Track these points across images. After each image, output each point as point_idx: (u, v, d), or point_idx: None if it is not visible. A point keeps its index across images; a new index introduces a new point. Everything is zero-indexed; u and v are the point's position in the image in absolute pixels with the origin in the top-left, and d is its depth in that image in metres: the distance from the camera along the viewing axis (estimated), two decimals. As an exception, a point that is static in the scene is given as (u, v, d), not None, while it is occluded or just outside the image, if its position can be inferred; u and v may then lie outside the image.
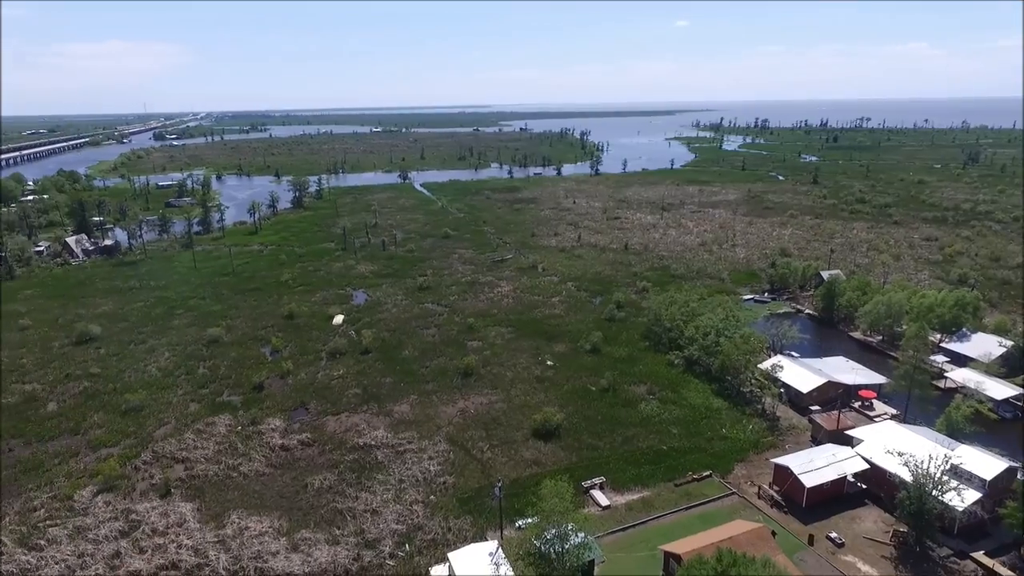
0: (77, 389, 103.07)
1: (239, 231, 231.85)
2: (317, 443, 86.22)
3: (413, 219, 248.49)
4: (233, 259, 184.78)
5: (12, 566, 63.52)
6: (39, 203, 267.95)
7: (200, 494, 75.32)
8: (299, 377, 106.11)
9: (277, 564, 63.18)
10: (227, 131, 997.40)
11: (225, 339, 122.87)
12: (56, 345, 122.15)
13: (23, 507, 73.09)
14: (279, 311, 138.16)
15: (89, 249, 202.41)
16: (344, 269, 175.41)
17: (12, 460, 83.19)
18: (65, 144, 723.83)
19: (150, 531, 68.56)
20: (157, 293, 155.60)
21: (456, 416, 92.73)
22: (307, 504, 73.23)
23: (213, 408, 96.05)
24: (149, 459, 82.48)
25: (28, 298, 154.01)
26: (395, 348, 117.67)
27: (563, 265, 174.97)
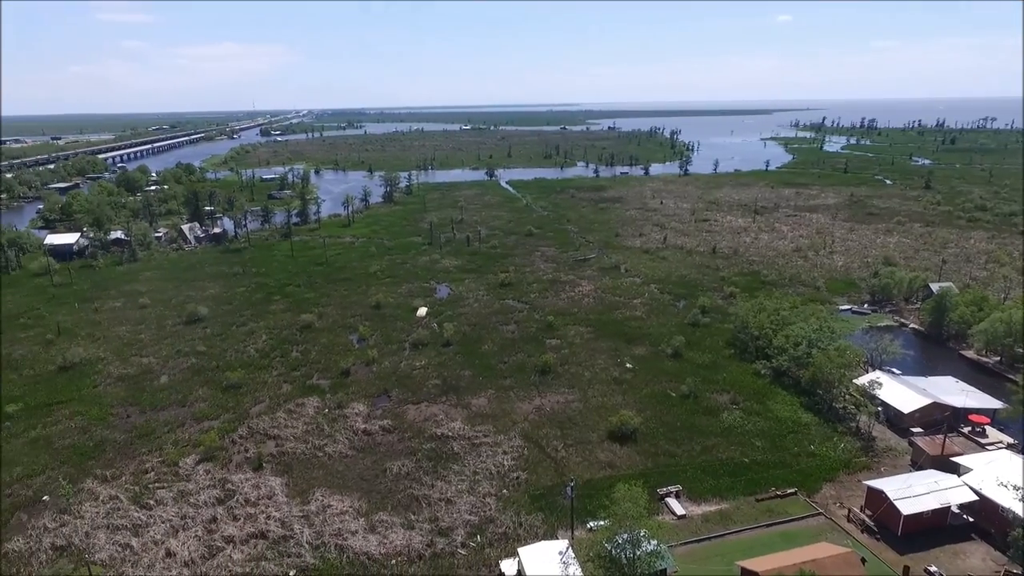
0: (185, 365, 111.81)
1: (333, 223, 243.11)
2: (397, 430, 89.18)
3: (498, 216, 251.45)
4: (327, 250, 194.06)
5: (126, 520, 69.91)
6: (160, 193, 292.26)
7: (288, 470, 79.80)
8: (383, 365, 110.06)
9: (355, 543, 65.95)
10: (326, 128, 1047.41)
11: (317, 325, 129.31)
12: (169, 323, 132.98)
13: (136, 468, 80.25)
14: (367, 301, 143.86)
15: (200, 236, 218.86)
16: (429, 263, 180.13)
17: (129, 425, 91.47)
18: (184, 139, 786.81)
19: (243, 501, 73.41)
20: (258, 279, 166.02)
21: (532, 413, 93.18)
22: (385, 488, 75.95)
23: (303, 390, 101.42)
24: (245, 434, 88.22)
25: (147, 279, 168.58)
26: (475, 342, 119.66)
27: (647, 266, 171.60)
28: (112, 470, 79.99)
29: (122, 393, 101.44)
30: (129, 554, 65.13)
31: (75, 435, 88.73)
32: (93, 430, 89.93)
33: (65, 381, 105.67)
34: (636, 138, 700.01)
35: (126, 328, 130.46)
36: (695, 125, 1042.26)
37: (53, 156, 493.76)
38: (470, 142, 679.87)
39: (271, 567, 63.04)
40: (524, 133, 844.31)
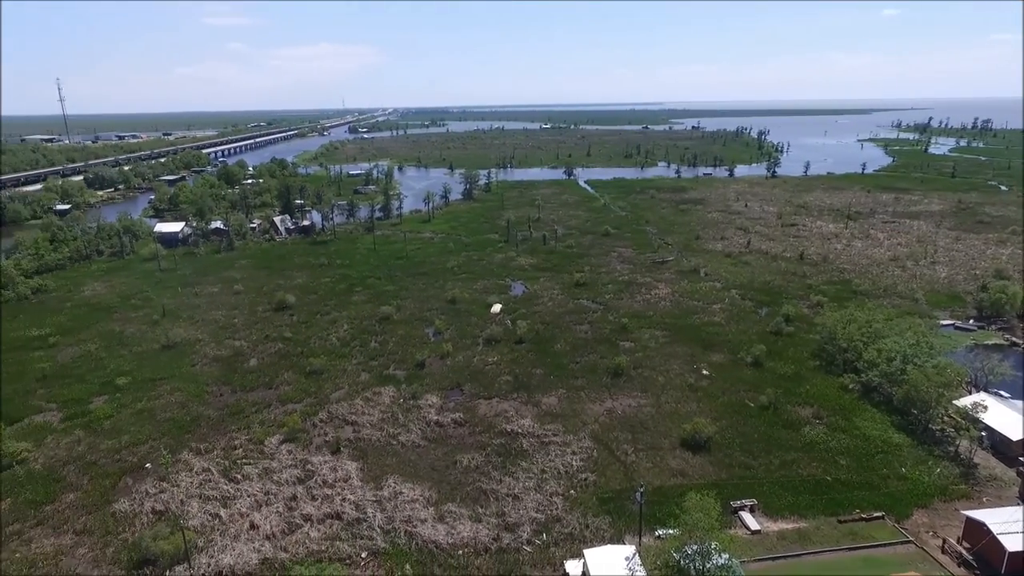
0: (273, 349, 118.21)
1: (414, 219, 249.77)
2: (468, 424, 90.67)
3: (575, 215, 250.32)
4: (407, 244, 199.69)
5: (216, 492, 74.85)
6: (255, 186, 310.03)
7: (364, 456, 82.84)
8: (457, 359, 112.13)
9: (424, 531, 67.66)
10: (410, 126, 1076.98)
11: (395, 317, 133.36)
12: (260, 309, 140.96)
13: (227, 444, 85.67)
14: (444, 296, 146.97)
15: (290, 228, 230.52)
16: (505, 260, 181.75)
17: (221, 403, 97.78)
18: (278, 135, 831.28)
19: (321, 482, 76.86)
20: (341, 271, 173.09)
21: (603, 415, 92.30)
22: (455, 479, 77.43)
23: (380, 379, 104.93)
24: (325, 418, 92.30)
25: (242, 267, 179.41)
26: (548, 341, 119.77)
27: (728, 271, 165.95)
28: (206, 444, 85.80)
29: (216, 373, 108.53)
30: (218, 523, 69.68)
31: (174, 409, 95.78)
32: (190, 406, 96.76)
33: (167, 359, 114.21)
34: (721, 138, 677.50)
35: (222, 312, 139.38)
36: (785, 125, 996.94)
37: (164, 151, 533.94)
38: (550, 141, 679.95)
39: (344, 547, 65.70)
40: (604, 132, 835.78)
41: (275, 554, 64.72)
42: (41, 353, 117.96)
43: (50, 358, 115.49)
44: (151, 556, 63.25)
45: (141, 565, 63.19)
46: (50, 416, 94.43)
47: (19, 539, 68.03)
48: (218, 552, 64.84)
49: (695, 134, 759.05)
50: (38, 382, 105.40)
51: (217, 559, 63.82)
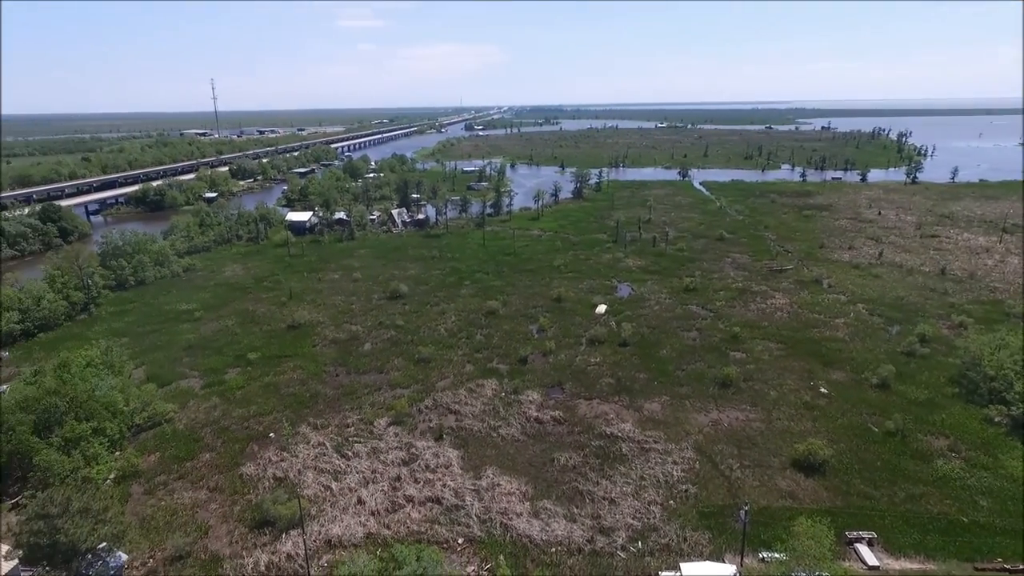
0: (386, 336, 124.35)
1: (523, 216, 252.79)
2: (568, 423, 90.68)
3: (687, 218, 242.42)
4: (515, 241, 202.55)
5: (329, 466, 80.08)
6: (376, 180, 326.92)
7: (465, 445, 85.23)
8: (559, 357, 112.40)
9: (519, 524, 68.56)
10: (524, 124, 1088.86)
11: (501, 312, 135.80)
12: (375, 297, 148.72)
13: (340, 422, 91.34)
14: (549, 293, 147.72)
15: (406, 221, 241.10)
16: (612, 261, 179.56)
17: (337, 383, 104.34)
18: (399, 132, 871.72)
19: (423, 466, 79.98)
20: (452, 264, 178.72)
21: (707, 426, 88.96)
22: (551, 477, 77.78)
23: (484, 372, 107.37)
24: (430, 405, 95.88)
25: (360, 256, 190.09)
26: (653, 345, 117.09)
27: (855, 283, 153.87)
28: (322, 420, 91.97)
29: (334, 354, 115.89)
30: (329, 495, 74.53)
31: (296, 385, 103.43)
32: (310, 383, 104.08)
33: (292, 338, 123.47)
34: (854, 139, 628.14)
35: (341, 298, 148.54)
36: (930, 126, 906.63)
37: (297, 145, 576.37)
38: (665, 140, 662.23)
39: (442, 531, 68.05)
40: (724, 132, 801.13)
41: (379, 530, 68.24)
42: (188, 325, 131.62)
43: (195, 330, 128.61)
44: (270, 518, 68.83)
45: (262, 525, 68.93)
46: (193, 382, 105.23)
47: (164, 489, 76.51)
48: (328, 522, 69.39)
49: (825, 135, 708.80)
50: (184, 351, 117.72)
51: (327, 528, 68.32)
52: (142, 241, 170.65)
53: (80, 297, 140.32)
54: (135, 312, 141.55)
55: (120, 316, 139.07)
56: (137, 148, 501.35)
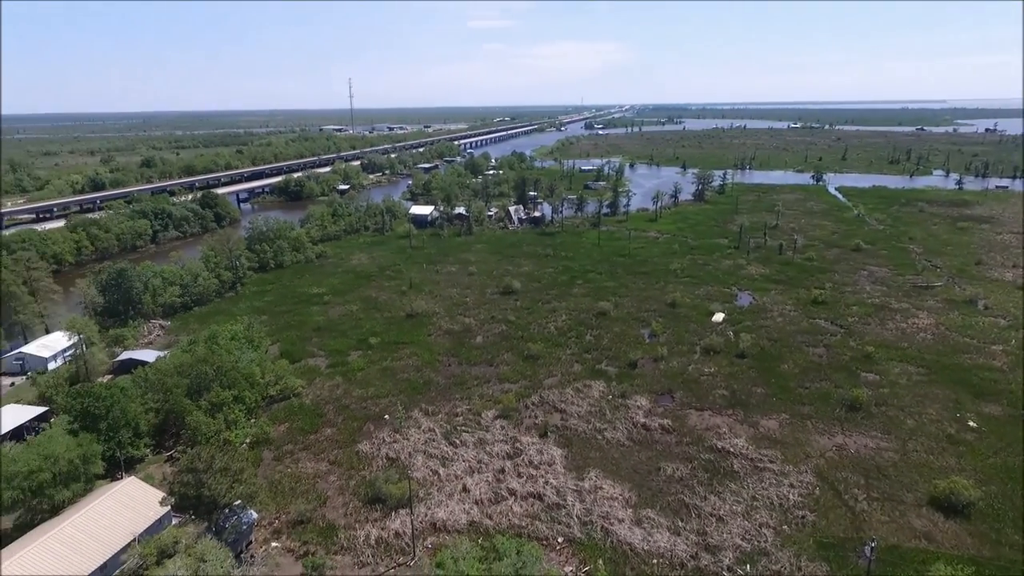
0: (497, 330, 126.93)
1: (640, 217, 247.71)
2: (676, 432, 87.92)
3: (819, 225, 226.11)
4: (630, 242, 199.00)
5: (437, 451, 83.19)
6: (495, 177, 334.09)
7: (569, 444, 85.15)
8: (671, 364, 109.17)
9: (620, 531, 67.48)
10: (645, 123, 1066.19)
11: (612, 314, 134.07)
12: (489, 292, 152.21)
13: (450, 410, 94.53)
14: (663, 298, 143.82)
15: (523, 218, 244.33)
16: (733, 267, 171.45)
17: (449, 373, 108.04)
18: (519, 130, 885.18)
19: (527, 461, 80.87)
20: (565, 263, 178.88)
21: (831, 450, 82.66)
22: (656, 486, 75.82)
23: (592, 373, 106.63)
24: (536, 401, 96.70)
25: (477, 251, 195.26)
26: (773, 359, 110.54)
27: (1018, 307, 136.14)
28: (433, 407, 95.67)
29: (447, 344, 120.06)
30: (436, 480, 77.43)
31: (411, 372, 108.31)
32: (424, 371, 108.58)
33: (410, 326, 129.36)
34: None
35: (456, 290, 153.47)
36: None
37: (423, 141, 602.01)
38: (798, 141, 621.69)
39: (542, 528, 68.47)
40: (866, 134, 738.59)
41: (481, 519, 69.95)
42: (318, 308, 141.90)
43: (323, 313, 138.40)
44: (382, 496, 72.69)
45: (373, 501, 72.98)
46: (319, 361, 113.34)
47: (291, 458, 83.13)
48: (434, 505, 72.13)
49: (989, 138, 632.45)
50: (314, 332, 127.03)
51: (433, 512, 71.03)
52: (282, 228, 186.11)
53: (229, 277, 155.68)
54: (273, 293, 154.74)
55: (261, 296, 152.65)
56: (282, 142, 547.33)
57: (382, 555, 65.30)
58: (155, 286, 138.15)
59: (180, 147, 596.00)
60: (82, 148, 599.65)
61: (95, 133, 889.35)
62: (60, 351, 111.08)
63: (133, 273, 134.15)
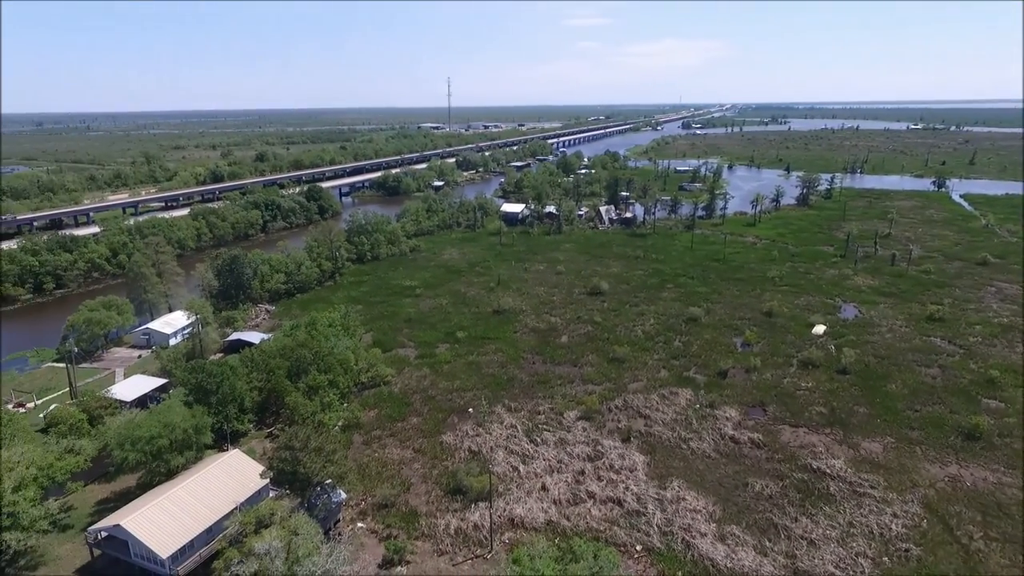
0: (582, 331, 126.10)
1: (737, 221, 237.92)
2: (767, 448, 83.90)
3: (939, 235, 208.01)
4: (726, 247, 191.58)
5: (518, 448, 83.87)
6: (587, 176, 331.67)
7: (652, 451, 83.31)
8: (764, 376, 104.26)
9: (702, 545, 65.26)
10: (747, 122, 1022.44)
11: (703, 320, 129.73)
12: (576, 291, 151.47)
13: (532, 408, 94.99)
14: (759, 306, 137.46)
15: (613, 218, 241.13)
16: (838, 277, 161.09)
17: (533, 371, 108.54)
18: (614, 129, 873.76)
19: (608, 465, 79.89)
20: (655, 265, 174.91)
21: (943, 481, 76.00)
22: (743, 502, 72.71)
23: (679, 380, 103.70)
24: (620, 405, 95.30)
25: (566, 250, 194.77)
26: (879, 378, 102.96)
27: None
28: (516, 403, 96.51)
29: (532, 342, 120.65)
30: (516, 476, 78.10)
31: (495, 367, 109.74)
32: (508, 367, 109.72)
33: (496, 322, 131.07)
34: None
35: (544, 289, 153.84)
36: None
37: (516, 140, 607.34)
38: (918, 144, 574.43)
39: (621, 534, 67.43)
40: (1001, 135, 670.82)
41: (559, 519, 69.87)
42: (409, 300, 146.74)
43: (415, 305, 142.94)
44: (463, 487, 74.23)
45: (454, 492, 74.65)
46: (409, 352, 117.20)
47: (378, 443, 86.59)
48: (513, 501, 72.80)
49: None
50: (405, 323, 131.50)
51: (511, 508, 71.71)
52: (380, 222, 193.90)
53: (329, 266, 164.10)
54: (369, 284, 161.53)
55: (357, 286, 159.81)
56: (382, 139, 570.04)
57: (460, 545, 66.73)
58: (263, 273, 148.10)
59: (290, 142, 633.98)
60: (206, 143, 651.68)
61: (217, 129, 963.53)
62: (180, 328, 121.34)
63: (244, 260, 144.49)
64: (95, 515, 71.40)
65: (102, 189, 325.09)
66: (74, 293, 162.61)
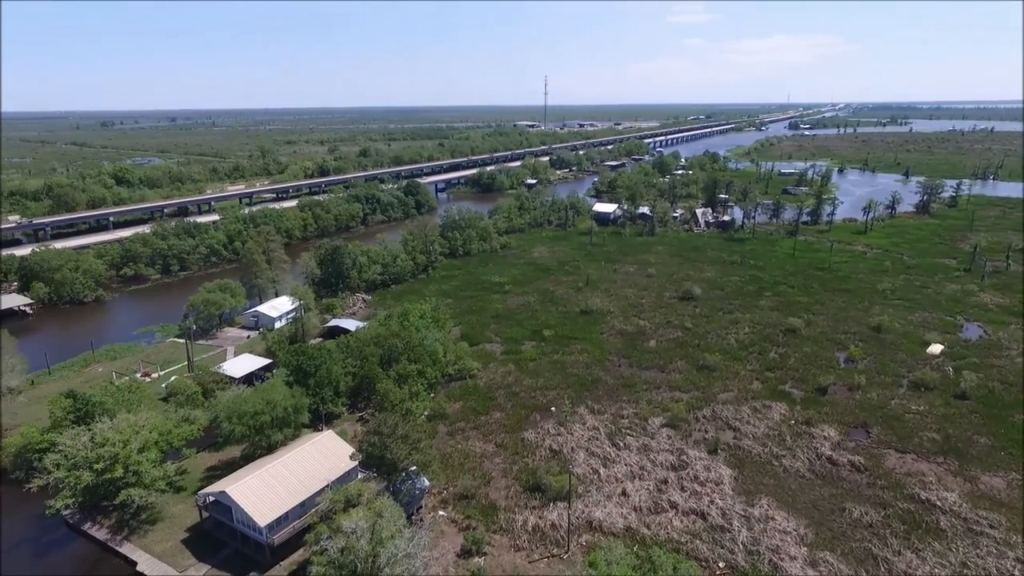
0: (671, 336, 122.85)
1: (846, 228, 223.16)
2: (869, 472, 78.28)
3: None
4: (832, 255, 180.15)
5: (600, 451, 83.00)
6: (684, 177, 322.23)
7: (740, 466, 79.93)
8: (868, 396, 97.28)
9: (791, 569, 61.94)
10: (862, 123, 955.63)
11: (803, 332, 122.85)
12: (667, 295, 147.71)
13: (616, 412, 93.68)
14: (866, 320, 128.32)
15: (710, 221, 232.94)
16: (960, 293, 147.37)
17: (618, 373, 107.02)
18: (714, 129, 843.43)
19: (692, 476, 77.45)
20: (753, 272, 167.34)
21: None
22: (839, 529, 68.26)
23: (773, 393, 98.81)
24: (708, 415, 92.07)
25: (658, 253, 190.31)
26: (1006, 406, 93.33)
27: None
28: (599, 406, 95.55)
29: (619, 345, 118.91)
30: (596, 479, 77.36)
31: (580, 368, 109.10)
32: (593, 368, 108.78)
33: (583, 323, 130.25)
34: None
35: (633, 291, 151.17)
36: None
37: (611, 139, 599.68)
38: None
39: (703, 549, 65.16)
40: None
41: (638, 527, 68.55)
42: (498, 296, 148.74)
43: (503, 302, 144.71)
44: (542, 485, 74.45)
45: (534, 489, 75.01)
46: (495, 347, 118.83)
47: (462, 435, 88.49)
48: (592, 504, 72.17)
49: None
50: (492, 319, 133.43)
51: (590, 510, 71.13)
52: (472, 218, 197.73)
53: (423, 260, 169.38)
54: (459, 278, 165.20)
55: (448, 280, 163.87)
56: (478, 137, 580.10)
57: (537, 543, 66.98)
58: (361, 263, 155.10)
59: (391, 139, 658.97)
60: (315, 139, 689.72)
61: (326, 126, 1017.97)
62: (285, 313, 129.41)
63: (345, 251, 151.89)
64: (204, 481, 77.67)
65: (222, 180, 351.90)
66: (195, 275, 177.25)
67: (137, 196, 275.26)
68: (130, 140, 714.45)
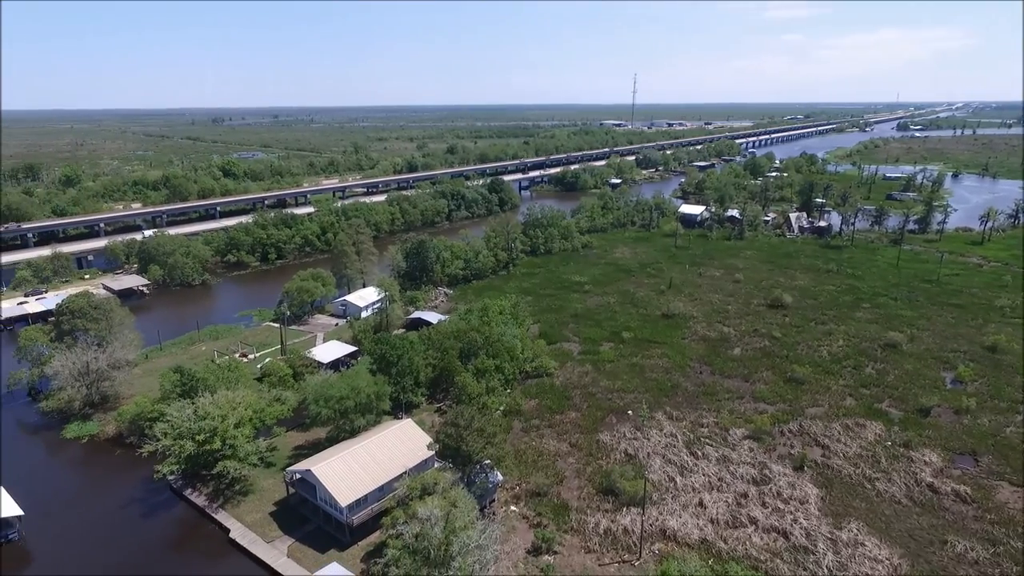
0: (758, 344, 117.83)
1: (959, 238, 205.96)
2: (977, 505, 72.04)
3: None
4: (941, 267, 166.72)
5: (676, 458, 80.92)
6: (778, 180, 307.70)
7: (828, 486, 75.67)
8: (978, 421, 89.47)
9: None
10: (983, 124, 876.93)
11: (904, 347, 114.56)
12: (754, 302, 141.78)
13: (695, 419, 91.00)
14: (979, 339, 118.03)
15: (804, 226, 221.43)
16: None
17: (699, 380, 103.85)
18: (813, 129, 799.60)
19: (775, 492, 74.07)
20: (850, 281, 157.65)
21: None
22: (938, 562, 63.24)
23: (868, 411, 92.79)
24: (795, 430, 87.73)
25: (746, 258, 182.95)
26: None
27: None
28: (677, 412, 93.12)
29: (701, 351, 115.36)
30: (672, 487, 75.48)
31: (659, 372, 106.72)
32: (673, 373, 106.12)
33: (664, 327, 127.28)
34: None
35: (718, 296, 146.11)
36: None
37: (701, 139, 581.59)
38: None
39: (783, 569, 62.23)
40: None
41: (715, 540, 66.31)
42: (577, 296, 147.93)
43: (582, 301, 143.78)
44: (616, 489, 73.47)
45: (607, 492, 74.17)
46: (573, 347, 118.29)
47: (536, 432, 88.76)
48: (667, 513, 70.50)
49: None
50: (571, 318, 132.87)
51: (664, 518, 69.52)
52: (555, 216, 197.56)
53: (504, 257, 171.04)
54: (540, 276, 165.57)
55: (528, 277, 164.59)
56: (564, 135, 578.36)
57: (608, 546, 66.24)
58: (444, 258, 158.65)
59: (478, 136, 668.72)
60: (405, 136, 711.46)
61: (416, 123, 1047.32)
62: (371, 303, 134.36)
63: (429, 245, 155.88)
64: (292, 459, 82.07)
65: (318, 174, 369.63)
66: (290, 264, 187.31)
67: (241, 188, 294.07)
68: (237, 135, 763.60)
